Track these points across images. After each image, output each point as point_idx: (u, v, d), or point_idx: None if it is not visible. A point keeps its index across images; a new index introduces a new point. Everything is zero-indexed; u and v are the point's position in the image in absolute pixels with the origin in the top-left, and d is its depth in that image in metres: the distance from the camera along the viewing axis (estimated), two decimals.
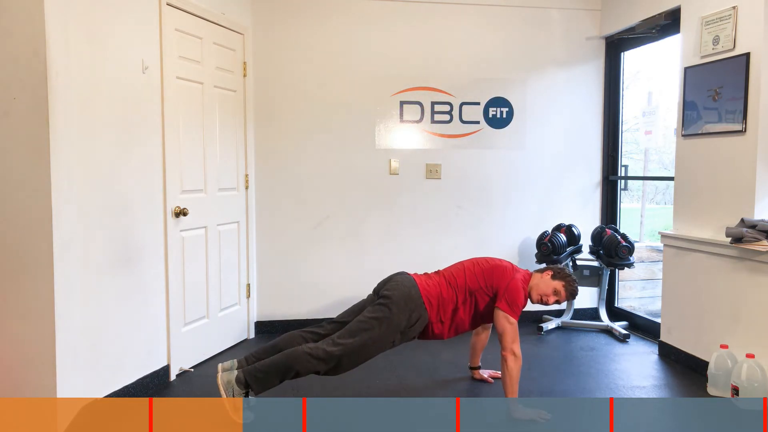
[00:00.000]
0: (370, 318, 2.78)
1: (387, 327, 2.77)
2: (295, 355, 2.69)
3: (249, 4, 4.15)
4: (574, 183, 4.67)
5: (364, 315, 2.81)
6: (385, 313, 2.78)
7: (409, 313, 2.81)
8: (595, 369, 3.52)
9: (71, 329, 2.63)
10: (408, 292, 2.84)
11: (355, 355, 2.74)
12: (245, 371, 2.69)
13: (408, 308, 2.81)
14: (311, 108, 4.32)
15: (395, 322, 2.78)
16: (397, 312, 2.78)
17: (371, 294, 3.01)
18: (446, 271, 3.06)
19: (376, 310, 2.80)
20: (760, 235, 3.00)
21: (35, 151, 2.48)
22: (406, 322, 2.81)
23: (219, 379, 2.68)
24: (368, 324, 2.76)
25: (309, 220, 4.37)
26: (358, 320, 2.80)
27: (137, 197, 3.08)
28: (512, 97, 4.54)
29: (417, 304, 2.83)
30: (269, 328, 4.34)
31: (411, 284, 2.88)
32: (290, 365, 2.68)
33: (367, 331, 2.75)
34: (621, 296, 5.02)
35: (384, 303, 2.80)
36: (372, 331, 2.75)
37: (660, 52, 4.62)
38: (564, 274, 3.00)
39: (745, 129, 3.16)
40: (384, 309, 2.79)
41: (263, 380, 2.68)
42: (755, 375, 2.90)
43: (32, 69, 2.45)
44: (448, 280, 2.96)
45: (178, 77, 3.39)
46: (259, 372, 2.68)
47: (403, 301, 2.81)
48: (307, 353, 2.69)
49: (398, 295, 2.82)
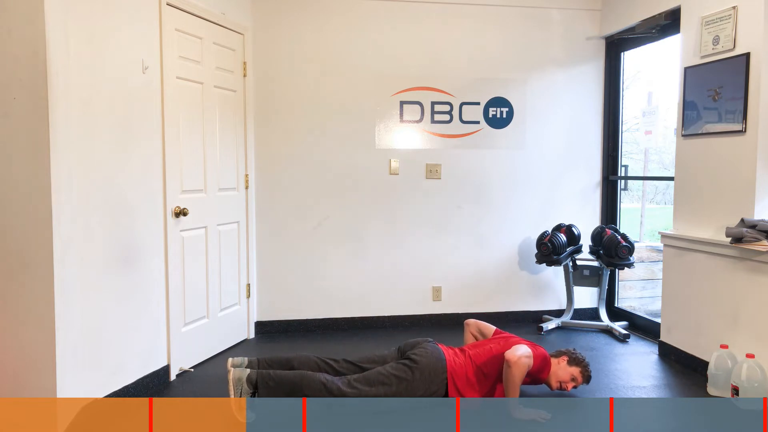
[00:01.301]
0: (392, 374, 2.81)
1: (405, 389, 2.81)
2: (310, 380, 2.74)
3: (249, 4, 4.15)
4: (574, 183, 4.67)
5: (386, 369, 2.84)
6: (408, 375, 2.82)
7: (429, 385, 2.84)
8: (595, 369, 3.52)
9: (71, 329, 2.63)
10: (435, 365, 2.86)
11: (363, 401, 2.78)
12: (259, 374, 2.74)
13: (429, 380, 2.84)
14: (311, 108, 4.32)
15: (413, 387, 2.82)
16: (420, 379, 2.82)
17: (394, 350, 3.06)
18: (471, 350, 3.02)
19: (399, 369, 2.83)
20: (760, 235, 3.00)
21: (35, 151, 2.48)
22: (423, 392, 2.84)
23: (231, 375, 2.72)
24: (388, 379, 2.80)
25: (309, 220, 4.37)
26: (379, 372, 2.83)
27: (137, 197, 3.08)
28: (512, 97, 4.54)
29: (440, 379, 2.86)
30: (269, 328, 4.34)
31: (439, 357, 2.90)
32: (302, 387, 2.73)
33: (384, 386, 2.79)
34: (621, 296, 5.02)
35: (409, 366, 2.84)
36: (389, 387, 2.79)
37: (660, 52, 4.62)
38: (578, 360, 3.07)
39: (745, 129, 3.16)
40: (408, 371, 2.82)
41: (273, 389, 2.73)
42: (755, 375, 2.90)
43: (32, 69, 2.46)
44: (475, 363, 2.94)
45: (178, 77, 3.39)
46: (272, 380, 2.73)
47: (428, 371, 2.84)
48: (322, 383, 2.74)
49: (425, 364, 2.84)
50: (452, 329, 4.27)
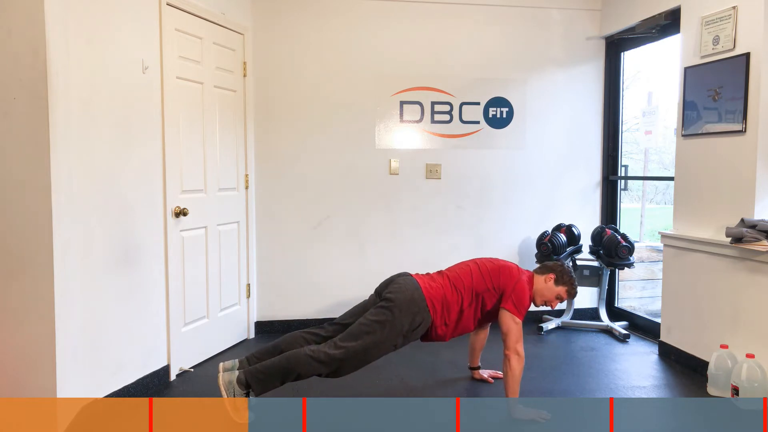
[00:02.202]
0: (373, 321, 2.75)
1: (390, 330, 2.75)
2: (297, 358, 2.68)
3: (249, 4, 4.15)
4: (574, 183, 4.67)
5: (366, 317, 2.78)
6: (388, 316, 2.75)
7: (412, 317, 2.78)
8: (595, 369, 3.52)
9: (71, 329, 2.63)
10: (411, 295, 2.81)
11: (357, 359, 2.73)
12: (246, 372, 2.68)
13: (411, 312, 2.78)
14: (311, 108, 4.32)
15: (398, 325, 2.76)
16: (400, 315, 2.76)
17: (373, 295, 2.99)
18: (450, 272, 3.01)
19: (378, 313, 2.77)
20: (760, 235, 3.00)
21: (35, 151, 2.48)
22: (409, 326, 2.78)
23: (220, 379, 2.67)
24: (370, 327, 2.74)
25: (309, 220, 4.37)
26: (360, 323, 2.77)
27: (137, 197, 3.08)
28: (512, 97, 4.54)
29: (420, 308, 2.80)
30: (269, 328, 4.34)
31: (414, 287, 2.85)
32: (292, 367, 2.67)
33: (369, 334, 2.72)
34: (621, 296, 5.02)
35: (387, 306, 2.78)
36: (374, 334, 2.73)
37: (660, 52, 4.62)
38: (566, 279, 3.02)
39: (745, 129, 3.16)
40: (387, 312, 2.76)
41: (264, 381, 2.67)
42: (755, 375, 2.90)
43: (32, 69, 2.45)
44: (453, 282, 2.93)
45: (178, 77, 3.39)
46: (260, 373, 2.67)
47: (406, 305, 2.78)
48: (308, 356, 2.67)
49: (401, 298, 2.79)
50: None
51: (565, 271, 3.03)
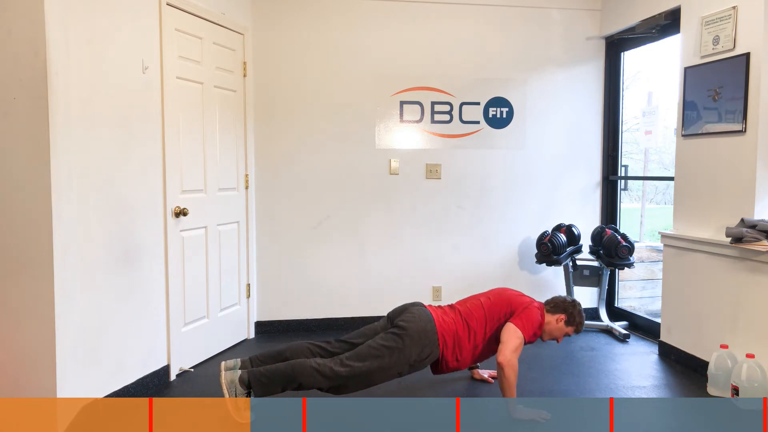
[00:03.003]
0: (382, 345, 2.78)
1: (397, 357, 2.77)
2: (302, 368, 2.70)
3: (249, 4, 4.15)
4: (574, 183, 4.67)
5: (375, 341, 2.81)
6: (398, 343, 2.78)
7: (421, 348, 2.81)
8: (595, 369, 3.52)
9: (71, 329, 2.63)
10: (423, 327, 2.83)
11: (360, 380, 2.75)
12: (250, 373, 2.69)
13: (421, 343, 2.81)
14: (311, 108, 4.32)
15: (406, 354, 2.78)
16: (410, 344, 2.79)
17: (383, 319, 3.03)
18: (461, 306, 3.01)
19: (388, 339, 2.80)
20: (760, 235, 3.00)
21: (35, 151, 2.48)
22: (417, 356, 2.81)
23: (222, 378, 2.68)
24: (379, 351, 2.76)
25: (309, 220, 4.37)
26: (369, 345, 2.80)
27: (137, 197, 3.08)
28: (512, 97, 4.54)
29: (431, 341, 2.83)
30: (269, 328, 4.34)
31: (428, 319, 2.87)
32: (295, 376, 2.69)
33: (376, 358, 2.75)
34: (621, 296, 5.02)
35: (398, 333, 2.81)
36: (381, 359, 2.75)
37: (660, 52, 4.62)
38: (576, 320, 3.05)
39: (745, 129, 3.16)
40: (397, 339, 2.79)
41: (266, 385, 2.68)
42: (755, 375, 2.90)
43: (32, 69, 2.46)
44: (465, 318, 2.94)
45: (178, 77, 3.39)
46: (264, 377, 2.69)
47: (417, 335, 2.80)
48: (314, 368, 2.69)
49: (413, 328, 2.81)
50: None
51: (576, 313, 3.06)
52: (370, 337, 2.90)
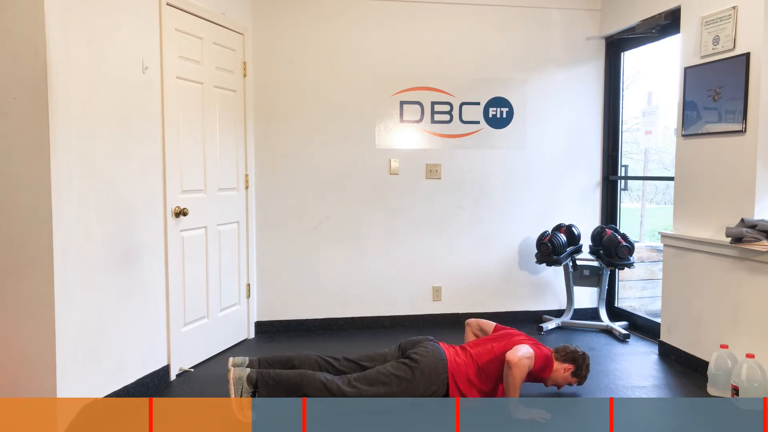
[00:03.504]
0: (392, 374, 2.80)
1: (405, 388, 2.80)
2: (311, 380, 2.74)
3: (249, 4, 4.15)
4: (574, 183, 4.67)
5: (386, 368, 2.83)
6: (408, 375, 2.81)
7: (429, 384, 2.83)
8: (595, 369, 3.52)
9: (71, 329, 2.63)
10: (436, 365, 2.85)
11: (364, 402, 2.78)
12: (259, 373, 2.74)
13: (430, 380, 2.83)
14: (311, 108, 4.32)
15: (414, 386, 2.81)
16: (420, 379, 2.81)
17: (394, 348, 3.05)
18: (473, 349, 3.00)
19: (399, 369, 2.82)
20: (760, 235, 3.00)
21: (35, 151, 2.48)
22: (423, 391, 2.83)
23: (231, 374, 2.72)
24: (388, 379, 2.79)
25: (309, 220, 4.37)
26: (379, 371, 2.82)
27: (137, 197, 3.08)
28: (512, 97, 4.54)
29: (440, 379, 2.85)
30: (269, 328, 4.34)
31: (440, 357, 2.88)
32: (302, 386, 2.73)
33: (384, 385, 2.78)
34: (621, 296, 5.02)
35: (410, 365, 2.83)
36: (389, 386, 2.78)
37: (660, 52, 4.62)
38: (582, 373, 3.07)
39: (745, 129, 3.16)
40: (408, 371, 2.81)
41: (273, 388, 2.73)
42: (755, 375, 2.90)
43: (32, 69, 2.45)
44: (476, 360, 2.93)
45: (178, 77, 3.39)
46: (272, 380, 2.73)
47: (428, 371, 2.83)
48: (322, 382, 2.74)
49: (425, 363, 2.83)
50: (452, 329, 4.27)
51: (584, 366, 3.07)
52: (378, 362, 2.94)
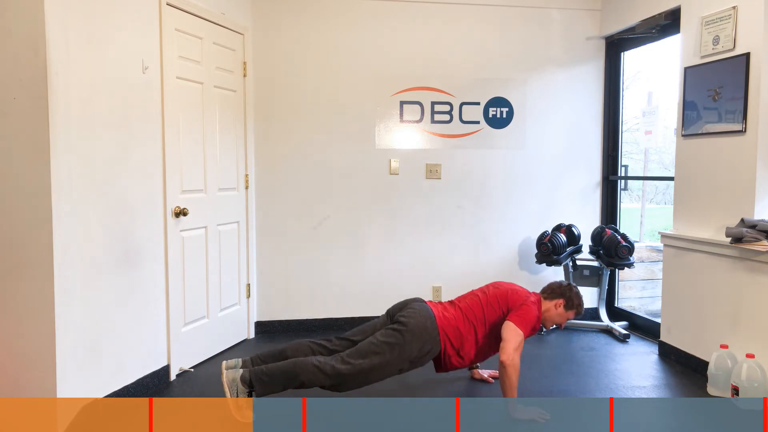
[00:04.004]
0: (383, 342, 2.78)
1: (398, 353, 2.78)
2: (303, 366, 2.71)
3: (249, 4, 4.15)
4: (574, 183, 4.67)
5: (376, 338, 2.81)
6: (398, 339, 2.78)
7: (422, 344, 2.81)
8: (595, 369, 3.52)
9: (71, 329, 2.63)
10: (424, 323, 2.84)
11: (361, 376, 2.75)
12: (251, 372, 2.70)
13: (422, 339, 2.81)
14: (311, 108, 4.32)
15: (407, 350, 2.79)
16: (411, 340, 2.79)
17: (383, 316, 3.03)
18: (461, 302, 3.03)
19: (389, 335, 2.80)
20: (760, 235, 3.00)
21: (35, 151, 2.48)
22: (417, 352, 2.82)
23: (224, 377, 2.69)
24: (380, 348, 2.77)
25: (309, 220, 4.37)
26: (370, 342, 2.80)
27: (137, 197, 3.08)
28: (512, 97, 4.54)
29: (431, 336, 2.84)
30: (269, 328, 4.34)
31: (428, 314, 2.87)
32: (296, 374, 2.69)
33: (377, 355, 2.75)
34: (621, 296, 5.02)
35: (399, 329, 2.81)
36: (382, 355, 2.76)
37: (660, 52, 4.62)
38: (575, 303, 3.06)
39: (745, 129, 3.16)
40: (397, 335, 2.79)
41: (268, 384, 2.69)
42: (755, 375, 2.90)
43: (32, 69, 2.46)
44: (465, 314, 2.95)
45: (178, 77, 3.39)
46: (265, 375, 2.70)
47: (419, 331, 2.81)
48: (315, 366, 2.70)
49: (414, 324, 2.82)
50: None
51: (574, 295, 3.06)
52: (370, 334, 2.90)
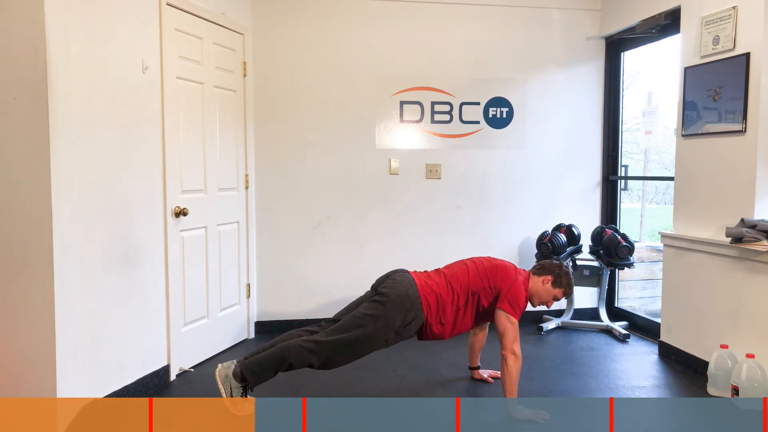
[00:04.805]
0: (365, 314, 2.78)
1: (382, 324, 2.77)
2: (289, 348, 2.72)
3: (249, 4, 4.15)
4: (574, 183, 4.67)
5: (359, 311, 2.82)
6: (380, 310, 2.78)
7: (405, 313, 2.80)
8: (595, 369, 3.52)
9: (71, 329, 2.63)
10: (405, 292, 2.82)
11: (347, 350, 2.75)
12: (242, 365, 2.73)
13: (404, 308, 2.80)
14: (311, 108, 4.32)
15: (390, 320, 2.78)
16: (393, 310, 2.78)
17: (369, 290, 3.01)
18: (447, 270, 3.02)
19: (371, 307, 2.81)
20: (760, 235, 3.00)
21: (35, 151, 2.48)
22: (401, 322, 2.80)
23: (217, 374, 2.72)
24: (362, 320, 2.77)
25: (309, 220, 4.37)
26: (353, 315, 2.81)
27: (137, 197, 3.08)
28: (512, 97, 4.54)
29: (414, 305, 2.82)
30: (269, 328, 4.34)
31: (409, 283, 2.86)
32: (284, 356, 2.71)
33: (360, 327, 2.75)
34: (621, 296, 5.02)
35: (380, 300, 2.81)
36: (365, 327, 2.76)
37: (660, 52, 4.62)
38: (563, 281, 3.01)
39: (745, 129, 3.16)
40: (379, 306, 2.79)
41: (258, 373, 2.71)
42: (755, 375, 2.90)
43: (32, 69, 2.45)
44: (449, 281, 2.94)
45: (178, 77, 3.39)
46: (254, 365, 2.72)
47: (400, 300, 2.80)
48: (300, 345, 2.72)
49: (395, 294, 2.81)
50: None
51: (563, 273, 3.02)
52: (354, 309, 2.90)
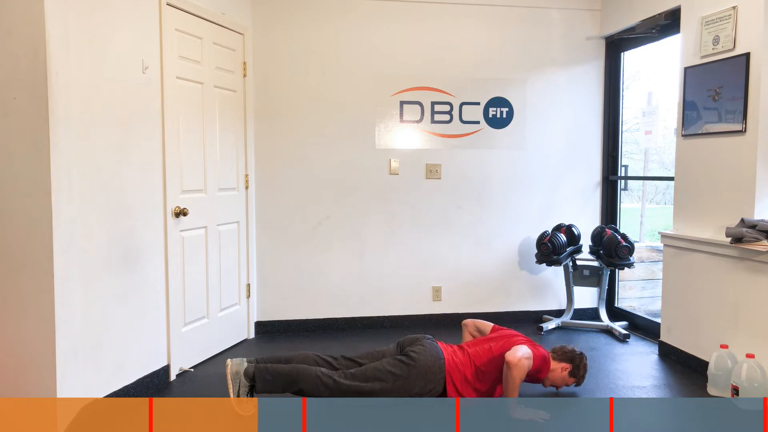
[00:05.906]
0: (388, 371, 2.80)
1: (401, 385, 2.80)
2: (306, 374, 2.75)
3: (249, 4, 4.15)
4: (574, 183, 4.67)
5: (383, 364, 2.83)
6: (404, 372, 2.81)
7: (425, 383, 2.83)
8: (595, 369, 3.52)
9: (71, 329, 2.63)
10: (432, 363, 2.85)
11: (359, 395, 2.78)
12: (256, 367, 2.75)
13: (426, 378, 2.83)
14: (311, 108, 4.32)
15: (410, 385, 2.81)
16: (416, 377, 2.81)
17: (393, 345, 3.05)
18: (471, 350, 2.99)
19: (395, 365, 2.82)
20: (760, 235, 3.00)
21: (35, 151, 2.48)
22: (419, 390, 2.83)
23: (228, 368, 2.73)
24: (384, 375, 2.79)
25: (309, 220, 4.37)
26: (375, 367, 2.82)
27: (137, 197, 3.08)
28: (512, 97, 4.54)
29: (437, 378, 2.85)
30: (269, 328, 4.34)
31: (438, 356, 2.88)
32: (298, 380, 2.74)
33: (380, 381, 2.78)
34: (621, 296, 5.02)
35: (406, 363, 2.83)
36: (385, 383, 2.78)
37: (660, 52, 4.62)
38: (580, 373, 3.07)
39: (745, 129, 3.16)
40: (404, 368, 2.81)
41: (270, 382, 2.74)
42: (755, 375, 2.90)
43: (32, 69, 2.46)
44: (474, 362, 2.92)
45: (178, 77, 3.39)
46: (268, 373, 2.74)
47: (425, 370, 2.82)
48: (318, 376, 2.75)
49: (423, 361, 2.83)
50: (452, 329, 4.26)
51: (582, 365, 3.07)
52: (376, 359, 2.94)
